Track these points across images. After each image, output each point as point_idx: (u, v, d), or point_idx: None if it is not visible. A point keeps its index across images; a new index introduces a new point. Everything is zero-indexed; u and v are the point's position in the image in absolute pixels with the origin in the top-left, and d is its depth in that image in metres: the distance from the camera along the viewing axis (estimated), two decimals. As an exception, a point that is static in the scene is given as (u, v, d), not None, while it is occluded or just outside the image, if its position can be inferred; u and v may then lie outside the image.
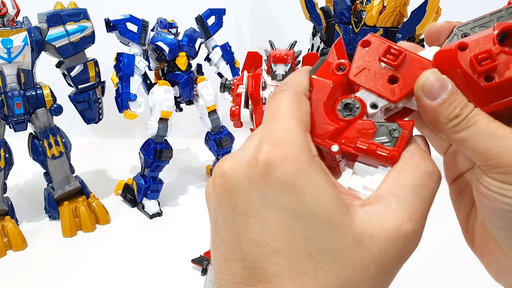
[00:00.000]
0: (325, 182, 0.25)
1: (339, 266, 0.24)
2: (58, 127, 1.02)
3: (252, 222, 0.25)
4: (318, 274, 0.24)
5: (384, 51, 0.30)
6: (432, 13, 0.99)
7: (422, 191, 0.26)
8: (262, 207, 0.25)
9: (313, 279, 0.24)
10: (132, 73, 1.01)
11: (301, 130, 0.26)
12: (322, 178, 0.25)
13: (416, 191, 0.26)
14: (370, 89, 0.29)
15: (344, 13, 1.10)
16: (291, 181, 0.24)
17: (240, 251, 0.26)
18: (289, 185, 0.24)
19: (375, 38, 0.30)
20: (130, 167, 1.32)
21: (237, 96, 0.56)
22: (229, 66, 1.14)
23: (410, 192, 0.26)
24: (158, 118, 1.04)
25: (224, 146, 1.15)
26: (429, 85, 0.28)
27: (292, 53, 0.56)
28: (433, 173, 0.27)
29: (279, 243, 0.25)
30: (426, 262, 0.87)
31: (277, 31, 1.51)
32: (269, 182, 0.25)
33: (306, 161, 0.25)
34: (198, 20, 1.10)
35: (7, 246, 0.95)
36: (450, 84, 0.28)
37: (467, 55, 0.28)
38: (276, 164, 0.25)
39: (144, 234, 1.02)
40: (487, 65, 0.27)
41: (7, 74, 0.92)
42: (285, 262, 0.24)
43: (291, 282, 0.24)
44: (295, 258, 0.24)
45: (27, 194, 1.19)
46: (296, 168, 0.25)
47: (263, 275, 0.25)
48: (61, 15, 0.95)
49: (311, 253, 0.24)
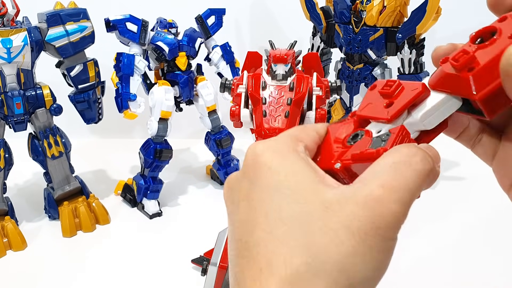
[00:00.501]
0: (302, 164, 0.28)
1: (307, 230, 0.25)
2: (58, 127, 1.02)
3: (241, 205, 0.28)
4: (288, 239, 0.25)
5: (383, 85, 0.33)
6: (432, 13, 0.99)
7: (400, 167, 0.26)
8: (248, 190, 0.28)
9: (284, 244, 0.25)
10: (132, 73, 1.01)
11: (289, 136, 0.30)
12: (299, 160, 0.28)
13: (394, 167, 0.27)
14: (369, 116, 0.32)
15: (344, 13, 1.10)
16: (269, 162, 0.28)
17: (232, 232, 0.28)
18: (267, 166, 0.28)
19: (381, 81, 0.34)
20: (130, 167, 1.32)
21: (237, 96, 0.56)
22: (229, 66, 1.14)
23: (387, 168, 0.27)
24: (158, 118, 1.04)
25: (224, 146, 1.15)
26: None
27: (292, 53, 0.56)
28: (416, 154, 0.27)
29: (258, 217, 0.27)
30: (428, 262, 0.87)
31: (277, 31, 1.51)
32: (253, 168, 0.28)
33: (286, 149, 0.28)
34: (198, 20, 1.10)
35: (7, 246, 0.95)
36: None
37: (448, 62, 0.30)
38: (258, 153, 0.28)
39: (144, 234, 1.02)
40: (463, 59, 0.29)
41: (7, 74, 0.92)
42: (262, 232, 0.26)
43: (265, 249, 0.26)
44: (270, 226, 0.26)
45: (27, 194, 1.19)
46: (275, 154, 0.28)
47: (246, 250, 0.27)
48: (61, 15, 0.95)
49: (283, 219, 0.26)
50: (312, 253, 0.25)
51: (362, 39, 1.08)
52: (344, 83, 1.17)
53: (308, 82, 0.55)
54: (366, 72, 1.13)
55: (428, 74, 1.08)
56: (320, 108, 0.55)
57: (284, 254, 0.25)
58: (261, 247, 0.26)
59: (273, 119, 0.50)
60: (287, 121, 0.50)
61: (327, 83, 0.58)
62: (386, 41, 1.07)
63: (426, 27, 1.01)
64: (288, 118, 0.50)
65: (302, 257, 0.25)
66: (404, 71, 1.08)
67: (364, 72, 1.13)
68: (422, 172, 0.27)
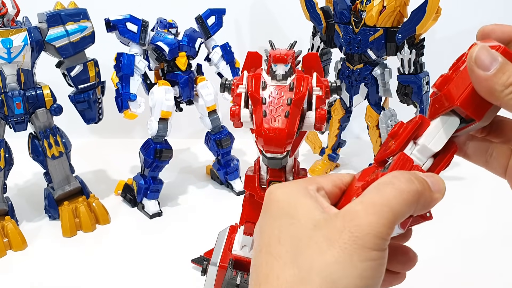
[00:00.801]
0: (305, 196, 0.32)
1: (297, 246, 0.29)
2: (58, 127, 1.02)
3: (256, 237, 0.33)
4: (283, 256, 0.29)
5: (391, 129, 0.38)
6: (432, 13, 0.99)
7: (382, 187, 0.30)
8: (260, 220, 0.33)
9: (279, 261, 0.29)
10: (132, 73, 1.01)
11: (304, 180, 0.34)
12: (304, 194, 0.32)
13: (377, 187, 0.30)
14: (382, 157, 0.37)
15: (344, 13, 1.10)
16: (278, 197, 0.33)
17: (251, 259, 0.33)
18: (276, 200, 0.32)
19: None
20: (130, 167, 1.32)
21: (237, 96, 0.56)
22: (229, 66, 1.14)
23: (371, 188, 0.30)
24: (158, 118, 1.04)
25: (224, 146, 1.15)
26: (481, 58, 0.31)
27: (292, 53, 0.56)
28: (401, 175, 0.30)
29: (264, 241, 0.31)
30: (430, 263, 0.87)
31: (277, 31, 1.51)
32: (266, 203, 0.33)
33: (295, 187, 0.33)
34: (198, 20, 1.10)
35: (7, 246, 0.95)
36: (500, 56, 0.31)
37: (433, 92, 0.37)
38: (272, 191, 0.33)
39: (144, 234, 1.02)
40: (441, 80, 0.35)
41: (7, 74, 0.92)
42: (265, 254, 0.30)
43: (265, 267, 0.29)
44: (271, 248, 0.30)
45: (27, 194, 1.19)
46: (284, 190, 0.33)
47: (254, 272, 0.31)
48: (61, 15, 0.95)
49: (280, 240, 0.30)
50: (299, 264, 0.28)
51: (362, 39, 1.08)
52: (344, 83, 1.17)
53: (308, 82, 0.55)
54: (366, 72, 1.13)
55: (428, 74, 1.09)
56: (320, 108, 0.55)
57: (277, 269, 0.29)
58: (262, 267, 0.30)
59: (273, 119, 0.50)
60: (287, 121, 0.50)
61: (327, 83, 0.57)
62: (386, 41, 1.08)
63: (426, 27, 1.01)
64: (288, 118, 0.50)
65: (291, 269, 0.28)
66: (404, 71, 1.08)
67: (364, 72, 1.13)
68: (405, 192, 0.29)
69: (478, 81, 0.31)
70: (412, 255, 0.37)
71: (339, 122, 1.25)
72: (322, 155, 1.31)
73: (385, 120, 1.13)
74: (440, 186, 0.32)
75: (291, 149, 0.53)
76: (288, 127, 0.50)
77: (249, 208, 0.67)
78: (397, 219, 0.29)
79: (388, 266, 0.31)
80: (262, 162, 0.58)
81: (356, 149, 1.44)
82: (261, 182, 0.64)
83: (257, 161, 0.64)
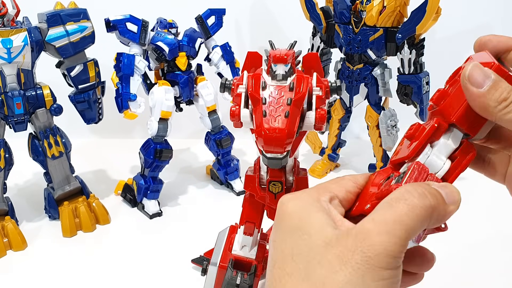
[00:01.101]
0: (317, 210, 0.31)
1: (309, 264, 0.29)
2: (58, 127, 1.02)
3: (270, 251, 0.33)
4: (295, 273, 0.29)
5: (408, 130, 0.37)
6: (432, 13, 0.99)
7: (394, 203, 0.29)
8: (273, 233, 0.33)
9: (292, 277, 0.29)
10: (132, 73, 1.01)
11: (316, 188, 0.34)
12: (316, 207, 0.32)
13: (389, 203, 0.30)
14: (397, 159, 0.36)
15: (344, 13, 1.10)
16: (290, 210, 0.32)
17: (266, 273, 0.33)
18: (288, 213, 0.32)
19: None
20: (130, 167, 1.32)
21: (237, 96, 0.56)
22: (229, 66, 1.14)
23: (383, 204, 0.30)
24: (158, 118, 1.04)
25: (224, 146, 1.15)
26: (474, 75, 0.32)
27: (292, 53, 0.56)
28: (414, 190, 0.30)
29: (277, 256, 0.31)
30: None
31: (277, 31, 1.51)
32: (278, 215, 0.33)
33: (307, 199, 0.33)
34: (198, 20, 1.10)
35: (7, 246, 0.95)
36: (493, 73, 0.31)
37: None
38: (284, 202, 0.33)
39: (144, 234, 1.02)
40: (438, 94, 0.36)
41: (7, 74, 0.92)
42: (278, 270, 0.30)
43: (279, 283, 0.30)
44: (284, 264, 0.30)
45: (27, 194, 1.19)
46: (296, 202, 0.33)
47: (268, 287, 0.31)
48: (61, 15, 0.95)
49: (293, 256, 0.30)
50: (311, 282, 0.28)
51: (362, 39, 1.08)
52: (344, 83, 1.17)
53: (308, 82, 0.55)
54: (366, 72, 1.13)
55: (428, 74, 1.09)
56: (320, 108, 0.55)
57: (290, 286, 0.29)
58: (276, 283, 0.30)
59: (273, 119, 0.50)
60: (287, 121, 0.50)
61: (327, 83, 0.57)
62: (386, 41, 1.08)
63: (426, 27, 1.01)
64: (288, 118, 0.50)
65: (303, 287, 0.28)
66: (404, 71, 1.08)
67: (364, 72, 1.13)
68: (418, 207, 0.29)
69: (472, 98, 0.32)
70: (429, 256, 0.36)
71: (339, 122, 1.25)
72: (322, 155, 1.31)
73: (385, 120, 1.13)
74: (455, 198, 0.31)
75: (291, 149, 0.53)
76: (288, 127, 0.50)
77: (249, 208, 0.67)
78: (410, 236, 0.28)
79: (406, 267, 0.31)
80: (262, 162, 0.58)
81: (356, 149, 1.44)
82: (261, 182, 0.64)
83: (257, 161, 0.64)
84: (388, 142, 1.15)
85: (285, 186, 0.62)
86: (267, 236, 0.74)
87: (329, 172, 1.30)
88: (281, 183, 0.62)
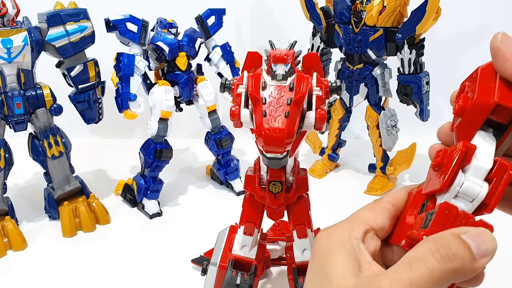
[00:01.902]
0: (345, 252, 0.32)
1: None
2: (58, 127, 1.02)
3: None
4: None
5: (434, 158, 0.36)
6: (432, 13, 0.98)
7: (413, 262, 0.29)
8: (308, 269, 0.35)
9: None
10: (132, 73, 1.01)
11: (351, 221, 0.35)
12: (344, 249, 0.33)
13: (408, 261, 0.29)
14: (430, 191, 0.35)
15: (344, 13, 1.10)
16: (321, 248, 0.34)
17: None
18: (319, 251, 0.34)
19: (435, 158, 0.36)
20: (130, 167, 1.32)
21: (237, 96, 0.56)
22: (229, 66, 1.14)
23: (403, 261, 0.30)
24: (158, 118, 1.04)
25: (224, 146, 1.15)
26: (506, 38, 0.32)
27: (292, 53, 0.56)
28: (437, 251, 0.28)
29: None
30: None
31: (277, 31, 1.51)
32: (312, 250, 0.35)
33: (339, 237, 0.34)
34: (198, 20, 1.10)
35: (7, 246, 0.95)
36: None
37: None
38: (318, 239, 0.35)
39: (144, 234, 1.02)
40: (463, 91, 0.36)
41: (7, 74, 0.92)
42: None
43: None
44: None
45: (27, 194, 1.19)
46: (328, 241, 0.34)
47: None
48: (61, 15, 0.95)
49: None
50: None
51: (362, 39, 1.08)
52: (344, 83, 1.17)
53: (308, 82, 0.55)
54: (366, 72, 1.13)
55: (428, 74, 1.09)
56: (320, 108, 0.55)
57: None
58: None
59: (273, 119, 0.50)
60: (287, 121, 0.50)
61: (327, 83, 0.58)
62: (386, 41, 1.07)
63: (426, 27, 1.01)
64: (288, 118, 0.50)
65: None
66: (404, 71, 1.08)
67: (364, 72, 1.13)
68: (438, 271, 0.28)
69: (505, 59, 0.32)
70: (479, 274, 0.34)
71: (339, 122, 1.25)
72: (322, 155, 1.31)
73: (385, 120, 1.13)
74: (488, 248, 0.29)
75: (291, 149, 0.53)
76: (288, 127, 0.50)
77: (249, 208, 0.67)
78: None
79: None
80: (262, 162, 0.58)
81: (356, 149, 1.44)
82: (261, 182, 0.64)
83: (257, 161, 0.64)
84: (388, 142, 1.15)
85: (285, 186, 0.62)
86: (267, 236, 0.74)
87: (329, 172, 1.30)
88: (281, 183, 0.62)
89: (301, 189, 0.65)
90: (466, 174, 0.33)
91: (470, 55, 1.45)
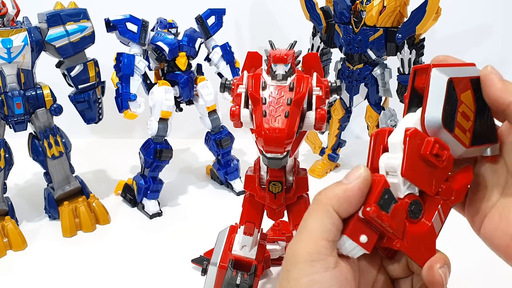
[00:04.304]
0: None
1: None
2: (58, 127, 1.02)
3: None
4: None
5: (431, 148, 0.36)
6: (432, 13, 0.99)
7: None
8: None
9: None
10: (132, 73, 1.01)
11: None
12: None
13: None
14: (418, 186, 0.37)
15: (344, 13, 1.10)
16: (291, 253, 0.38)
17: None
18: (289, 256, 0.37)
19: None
20: (130, 167, 1.32)
21: (237, 96, 0.56)
22: (229, 66, 1.14)
23: None
24: (158, 118, 1.04)
25: (224, 146, 1.15)
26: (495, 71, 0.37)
27: (292, 53, 0.56)
28: None
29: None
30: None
31: (277, 31, 1.51)
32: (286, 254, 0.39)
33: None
34: (198, 20, 1.10)
35: (7, 246, 0.95)
36: None
37: None
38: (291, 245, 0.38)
39: (144, 234, 1.02)
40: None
41: (7, 74, 0.92)
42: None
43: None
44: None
45: (27, 194, 1.19)
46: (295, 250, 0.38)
47: None
48: (61, 15, 0.95)
49: None
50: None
51: (362, 39, 1.08)
52: (344, 83, 1.17)
53: (308, 82, 0.55)
54: (366, 72, 1.13)
55: (428, 74, 1.09)
56: (320, 108, 0.55)
57: None
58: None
59: (273, 119, 0.50)
60: (287, 121, 0.50)
61: (327, 83, 0.58)
62: (386, 41, 1.08)
63: (426, 27, 1.01)
64: (288, 118, 0.50)
65: None
66: (404, 71, 1.08)
67: (364, 72, 1.13)
68: None
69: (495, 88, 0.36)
70: None
71: (339, 122, 1.25)
72: (322, 155, 1.31)
73: (385, 120, 1.13)
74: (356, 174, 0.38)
75: (291, 149, 0.53)
76: (288, 127, 0.50)
77: (249, 208, 0.67)
78: None
79: None
80: (262, 162, 0.58)
81: (356, 149, 1.44)
82: (261, 182, 0.64)
83: (257, 161, 0.64)
84: (388, 142, 1.15)
85: (285, 186, 0.62)
86: (267, 236, 0.74)
87: (329, 172, 1.30)
88: (281, 183, 0.62)
89: (301, 189, 0.65)
90: (388, 152, 0.36)
91: (470, 55, 1.45)
